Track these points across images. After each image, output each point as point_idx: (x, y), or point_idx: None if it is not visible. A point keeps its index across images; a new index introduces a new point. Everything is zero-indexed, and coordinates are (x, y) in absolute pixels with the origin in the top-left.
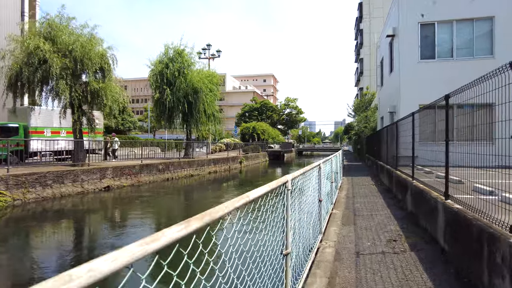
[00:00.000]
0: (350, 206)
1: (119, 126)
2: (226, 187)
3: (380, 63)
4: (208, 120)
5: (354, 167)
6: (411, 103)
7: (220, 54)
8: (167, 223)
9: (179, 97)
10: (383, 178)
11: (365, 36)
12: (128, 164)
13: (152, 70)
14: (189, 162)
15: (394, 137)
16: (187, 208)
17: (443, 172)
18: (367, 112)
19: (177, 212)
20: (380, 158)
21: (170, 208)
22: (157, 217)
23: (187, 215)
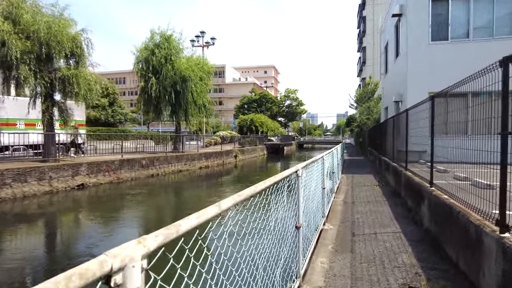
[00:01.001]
0: (348, 218)
1: (108, 118)
2: (217, 184)
3: (384, 49)
4: (199, 111)
5: (355, 162)
6: (420, 91)
7: (214, 42)
8: (141, 228)
9: (165, 86)
10: (389, 177)
11: (368, 23)
12: (107, 159)
13: (137, 58)
14: (178, 157)
15: (403, 129)
16: (168, 208)
17: (464, 174)
18: (370, 102)
19: (154, 214)
20: (385, 153)
21: (148, 209)
22: (130, 220)
23: (167, 217)
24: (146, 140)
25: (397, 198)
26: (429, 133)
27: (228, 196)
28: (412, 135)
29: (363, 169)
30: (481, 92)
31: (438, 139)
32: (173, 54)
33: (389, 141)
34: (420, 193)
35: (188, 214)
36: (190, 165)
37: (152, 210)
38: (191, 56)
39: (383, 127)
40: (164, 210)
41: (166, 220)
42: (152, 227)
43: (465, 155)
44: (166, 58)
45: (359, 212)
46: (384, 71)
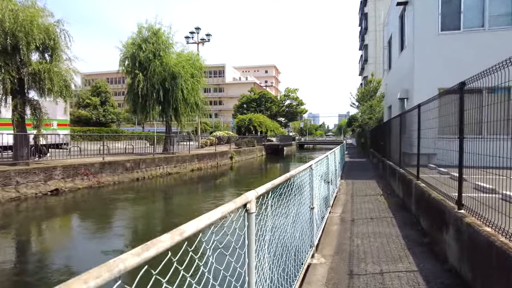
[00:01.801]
0: (345, 245)
1: (100, 118)
2: (207, 188)
3: (387, 43)
4: (191, 110)
5: (356, 164)
6: (428, 87)
7: (210, 38)
8: (112, 241)
9: (153, 84)
10: (395, 185)
11: (370, 20)
12: (85, 162)
13: (124, 53)
14: (167, 159)
15: (414, 128)
16: (146, 218)
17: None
18: (372, 101)
19: (131, 224)
20: (389, 157)
21: (125, 218)
22: (101, 232)
23: (143, 230)
24: (140, 140)
25: (406, 213)
26: (456, 133)
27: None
28: (423, 135)
29: (365, 173)
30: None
31: (438, 141)
32: (161, 49)
33: (395, 143)
34: (441, 215)
35: (169, 226)
36: (180, 167)
37: (129, 220)
38: (182, 52)
39: (387, 127)
40: (142, 221)
41: (141, 236)
42: (127, 241)
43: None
44: (154, 54)
45: (360, 235)
46: (387, 67)
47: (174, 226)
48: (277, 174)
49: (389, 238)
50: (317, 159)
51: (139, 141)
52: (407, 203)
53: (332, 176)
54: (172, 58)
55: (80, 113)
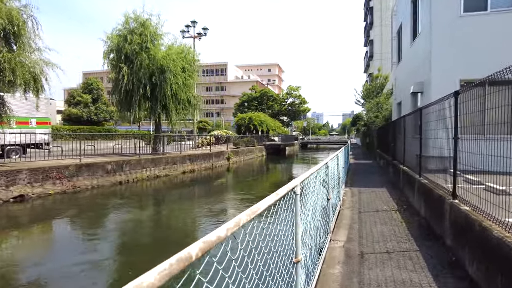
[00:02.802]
0: None
1: (91, 116)
2: (199, 194)
3: (396, 34)
4: (183, 107)
5: (362, 167)
6: (448, 78)
7: (206, 32)
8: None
9: (140, 78)
10: (411, 197)
11: (375, 14)
12: (58, 164)
13: (109, 46)
14: (154, 160)
15: (446, 125)
16: (124, 229)
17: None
18: (379, 98)
19: (104, 237)
20: (402, 160)
21: (94, 231)
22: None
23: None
24: (136, 140)
25: (437, 244)
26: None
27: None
28: (431, 136)
29: (373, 178)
30: None
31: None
32: (149, 40)
33: (411, 144)
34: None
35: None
36: (170, 169)
37: (103, 231)
38: (172, 44)
39: (398, 125)
40: (118, 232)
41: (116, 250)
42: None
43: None
44: (141, 46)
45: (374, 286)
46: (396, 59)
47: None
48: (276, 178)
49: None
50: (310, 172)
51: (135, 141)
52: (436, 229)
53: (333, 187)
54: (161, 51)
55: (70, 111)
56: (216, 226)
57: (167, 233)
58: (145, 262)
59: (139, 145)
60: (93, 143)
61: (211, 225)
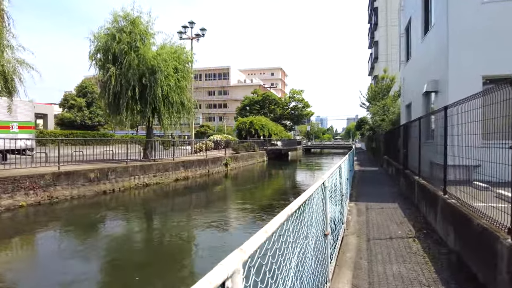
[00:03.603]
0: None
1: (85, 120)
2: (193, 203)
3: (404, 30)
4: (177, 110)
5: (368, 176)
6: (468, 74)
7: (204, 33)
8: None
9: (129, 79)
10: (432, 218)
11: (380, 15)
12: (33, 173)
13: (97, 46)
14: (144, 167)
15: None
16: (95, 249)
17: None
18: (386, 100)
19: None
20: (416, 170)
21: (68, 246)
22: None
23: None
24: (133, 145)
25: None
26: None
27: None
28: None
29: (382, 189)
30: None
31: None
32: (138, 40)
33: (430, 152)
34: None
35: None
36: (162, 177)
37: (71, 250)
38: (165, 44)
39: (411, 129)
40: (88, 252)
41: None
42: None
43: None
44: (131, 45)
45: None
46: (404, 57)
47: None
48: (276, 185)
49: None
50: (297, 203)
51: (129, 146)
52: (480, 274)
53: (334, 215)
54: (152, 50)
55: (63, 115)
56: (207, 244)
57: (150, 252)
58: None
59: (127, 151)
60: (82, 148)
61: (202, 242)
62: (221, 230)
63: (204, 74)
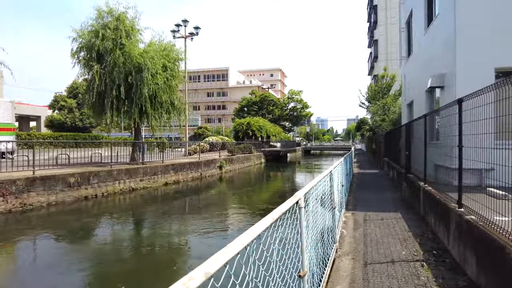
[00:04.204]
0: None
1: (76, 122)
2: (180, 210)
3: (405, 24)
4: (166, 111)
5: (368, 179)
6: (479, 67)
7: (198, 32)
8: None
9: (114, 78)
10: (443, 236)
11: (380, 13)
12: (4, 179)
13: (80, 43)
14: (129, 171)
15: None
16: (69, 263)
17: None
18: (386, 99)
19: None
20: (422, 174)
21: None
22: None
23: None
24: (126, 147)
25: None
26: None
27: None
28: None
29: (382, 195)
30: None
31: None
32: (124, 36)
33: (436, 153)
34: None
35: None
36: (150, 181)
37: (39, 265)
38: (152, 41)
39: (415, 128)
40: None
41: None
42: None
43: None
44: (116, 42)
45: None
46: (406, 53)
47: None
48: (272, 189)
49: None
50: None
51: (121, 148)
52: None
53: (327, 234)
54: (138, 47)
55: (52, 117)
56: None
57: (131, 263)
58: None
59: (111, 154)
60: (68, 151)
61: (188, 251)
62: (210, 237)
63: (203, 75)
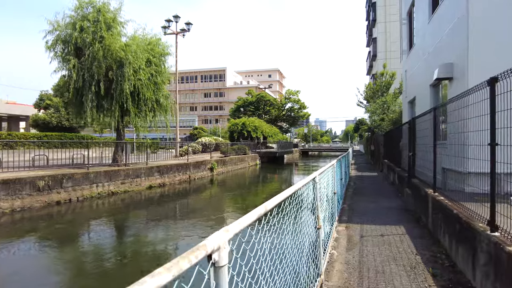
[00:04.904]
0: None
1: (62, 122)
2: (163, 216)
3: (407, 15)
4: (151, 109)
5: (366, 184)
6: (498, 52)
7: (190, 28)
8: None
9: (93, 74)
10: (466, 268)
11: (379, 10)
12: None
13: (57, 36)
14: (109, 173)
15: None
16: None
17: None
18: (386, 97)
19: None
20: (431, 181)
21: None
22: None
23: None
24: (107, 148)
25: None
26: None
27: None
28: None
29: (381, 203)
30: None
31: None
32: (104, 29)
33: (451, 155)
34: None
35: None
36: (132, 184)
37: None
38: (135, 35)
39: (423, 125)
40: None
41: None
42: None
43: None
44: (95, 35)
45: None
46: (407, 46)
47: None
48: (267, 190)
49: None
50: None
51: (106, 149)
52: None
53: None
54: (120, 41)
55: (36, 116)
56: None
57: (99, 275)
58: None
59: (88, 154)
60: (47, 152)
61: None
62: (192, 246)
63: (200, 75)
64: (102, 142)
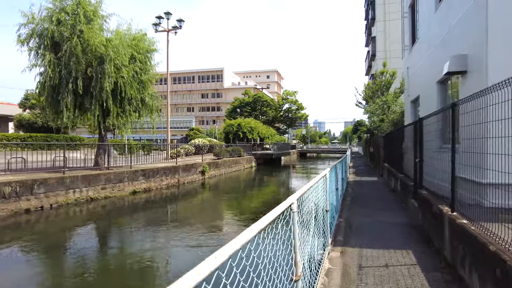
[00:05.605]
0: None
1: (48, 122)
2: (145, 226)
3: (409, 8)
4: (135, 109)
5: (365, 191)
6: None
7: (181, 25)
8: None
9: (70, 70)
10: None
11: (378, 8)
12: None
13: (32, 29)
14: (88, 177)
15: None
16: None
17: None
18: (386, 96)
19: None
20: (449, 197)
21: None
22: None
23: None
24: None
25: None
26: None
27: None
28: None
29: (383, 217)
30: None
31: None
32: (83, 22)
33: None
34: None
35: None
36: (114, 189)
37: None
38: (118, 30)
39: (427, 129)
40: None
41: None
42: None
43: None
44: (73, 28)
45: None
46: (409, 42)
47: None
48: (262, 195)
49: None
50: None
51: (90, 151)
52: None
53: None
54: (101, 35)
55: (21, 116)
56: None
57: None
58: None
59: (64, 157)
60: (24, 155)
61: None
62: (172, 258)
63: (197, 76)
64: (82, 144)
